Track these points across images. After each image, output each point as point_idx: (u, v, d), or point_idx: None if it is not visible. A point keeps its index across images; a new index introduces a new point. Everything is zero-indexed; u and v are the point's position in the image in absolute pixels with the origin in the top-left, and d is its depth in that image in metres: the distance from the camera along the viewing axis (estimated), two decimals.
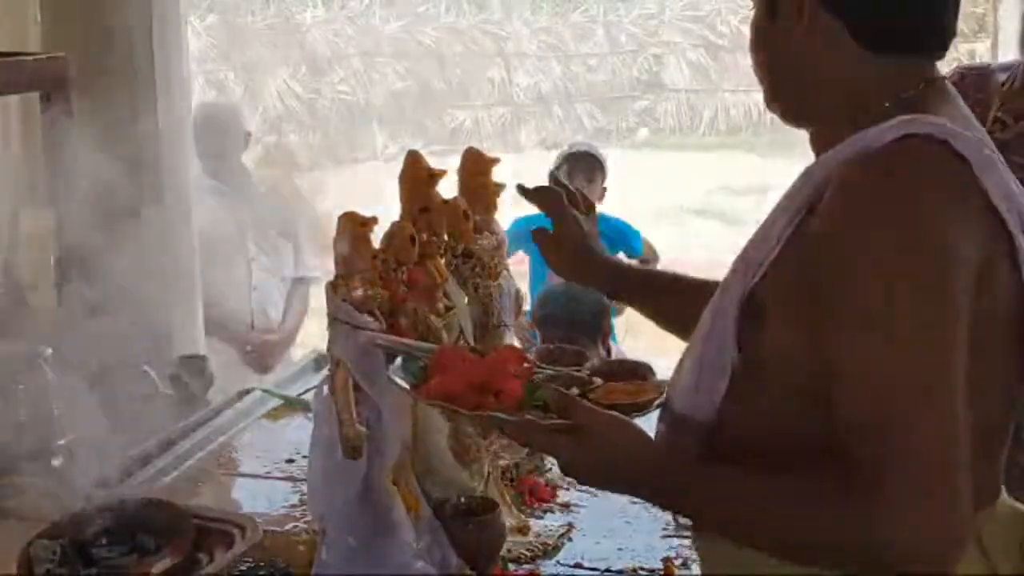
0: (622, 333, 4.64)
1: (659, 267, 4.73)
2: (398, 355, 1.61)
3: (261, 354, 4.05)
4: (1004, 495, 1.42)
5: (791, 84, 1.41)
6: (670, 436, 1.43)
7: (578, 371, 1.61)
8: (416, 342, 1.65)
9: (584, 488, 2.13)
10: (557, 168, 4.61)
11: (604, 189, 4.67)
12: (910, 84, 1.34)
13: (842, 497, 1.22)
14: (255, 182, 4.27)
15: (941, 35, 1.36)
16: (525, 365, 1.50)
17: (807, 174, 1.34)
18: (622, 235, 4.67)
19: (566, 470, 1.40)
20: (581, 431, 1.35)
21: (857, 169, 1.26)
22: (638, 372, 1.62)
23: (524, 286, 4.18)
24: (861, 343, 1.22)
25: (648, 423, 1.46)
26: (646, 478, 1.35)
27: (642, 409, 1.49)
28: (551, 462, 2.16)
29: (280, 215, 4.25)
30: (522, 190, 1.80)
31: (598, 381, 1.56)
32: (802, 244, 1.29)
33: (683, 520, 1.70)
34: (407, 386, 1.51)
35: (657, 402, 1.51)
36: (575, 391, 1.48)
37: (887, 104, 1.32)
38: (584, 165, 4.60)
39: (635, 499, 2.08)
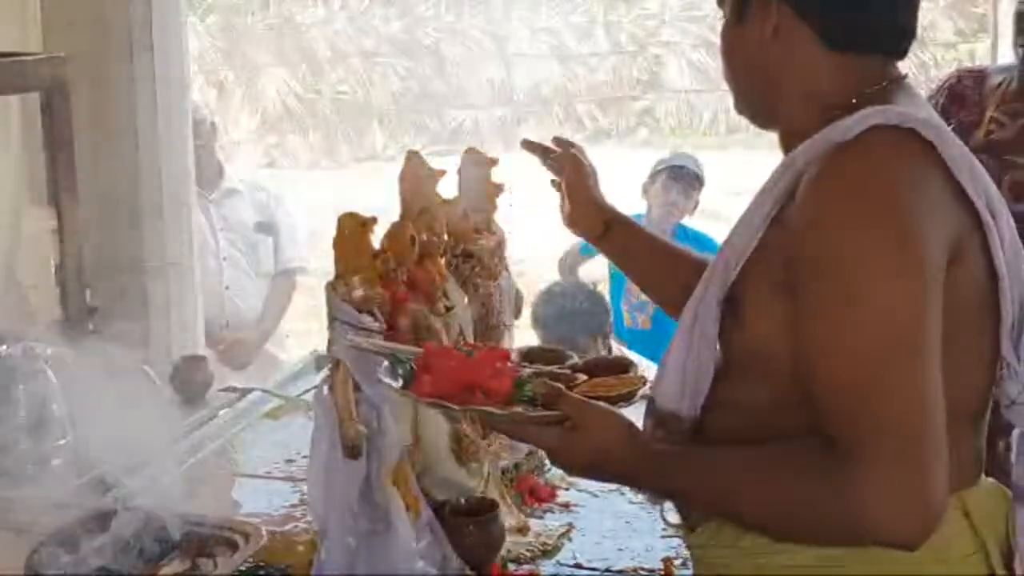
0: None
1: None
2: (383, 359, 1.61)
3: (235, 352, 4.03)
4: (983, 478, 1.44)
5: (760, 86, 1.45)
6: (656, 432, 1.45)
7: (560, 369, 1.62)
8: (400, 345, 1.64)
9: (584, 488, 2.13)
10: (654, 175, 4.58)
11: (697, 202, 4.60)
12: (874, 82, 1.38)
13: (820, 468, 1.25)
14: (230, 177, 4.24)
15: (901, 35, 1.42)
16: (509, 364, 1.51)
17: (782, 168, 1.37)
18: (705, 252, 4.57)
19: (555, 461, 1.42)
20: (570, 423, 1.37)
21: (829, 160, 1.29)
22: (619, 367, 1.63)
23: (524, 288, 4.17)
24: (835, 321, 1.25)
25: (634, 413, 1.47)
26: (633, 465, 1.37)
27: (627, 399, 1.50)
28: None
29: (257, 211, 4.23)
30: (529, 144, 1.91)
31: (582, 377, 1.57)
32: (778, 237, 1.32)
33: (672, 520, 1.71)
34: (396, 386, 1.52)
35: (641, 392, 1.52)
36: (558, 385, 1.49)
37: (854, 100, 1.36)
38: (684, 178, 4.53)
39: (634, 500, 2.09)
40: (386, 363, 1.57)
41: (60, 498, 1.95)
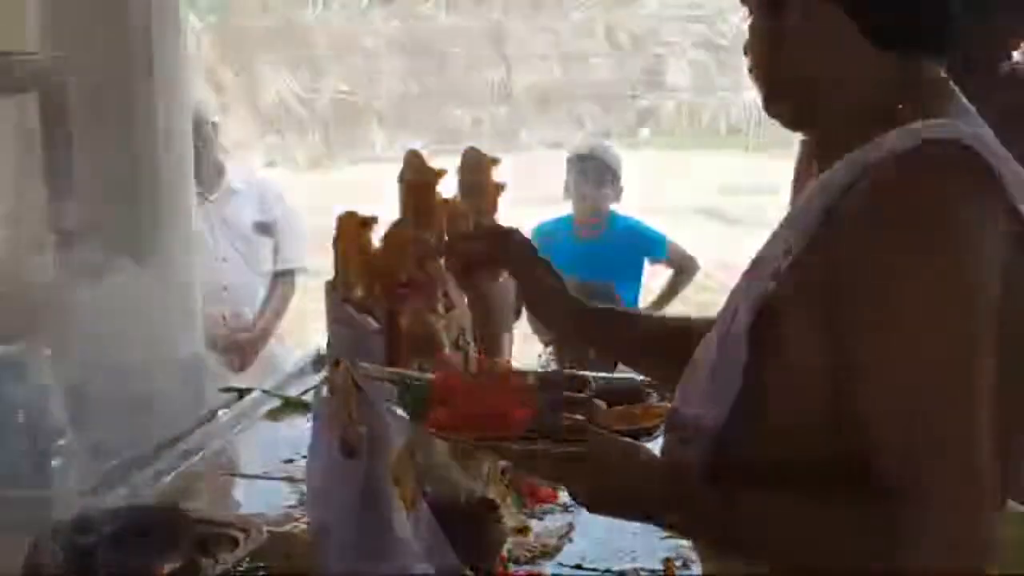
0: None
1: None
2: (393, 385, 1.58)
3: (235, 353, 4.03)
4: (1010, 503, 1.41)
5: (797, 86, 1.37)
6: (679, 445, 1.41)
7: (579, 395, 1.60)
8: (408, 372, 1.63)
9: None
10: (567, 172, 4.56)
11: (620, 189, 4.51)
12: (918, 83, 1.32)
13: (867, 507, 1.20)
14: (231, 178, 4.23)
15: (949, 28, 1.34)
16: (526, 387, 1.48)
17: (824, 180, 1.31)
18: (641, 240, 4.55)
19: (580, 500, 1.37)
20: (594, 459, 1.33)
21: (880, 177, 1.23)
22: (639, 394, 1.60)
23: None
24: (883, 350, 1.20)
25: (656, 446, 1.44)
26: (664, 506, 1.33)
27: (650, 433, 1.47)
28: None
29: (257, 211, 4.22)
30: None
31: (601, 405, 1.54)
32: (823, 250, 1.26)
33: None
34: (407, 417, 1.49)
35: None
36: (580, 416, 1.46)
37: (900, 106, 1.29)
38: (591, 167, 4.50)
39: None
40: (395, 390, 1.55)
41: (60, 499, 1.95)
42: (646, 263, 4.57)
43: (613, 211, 4.51)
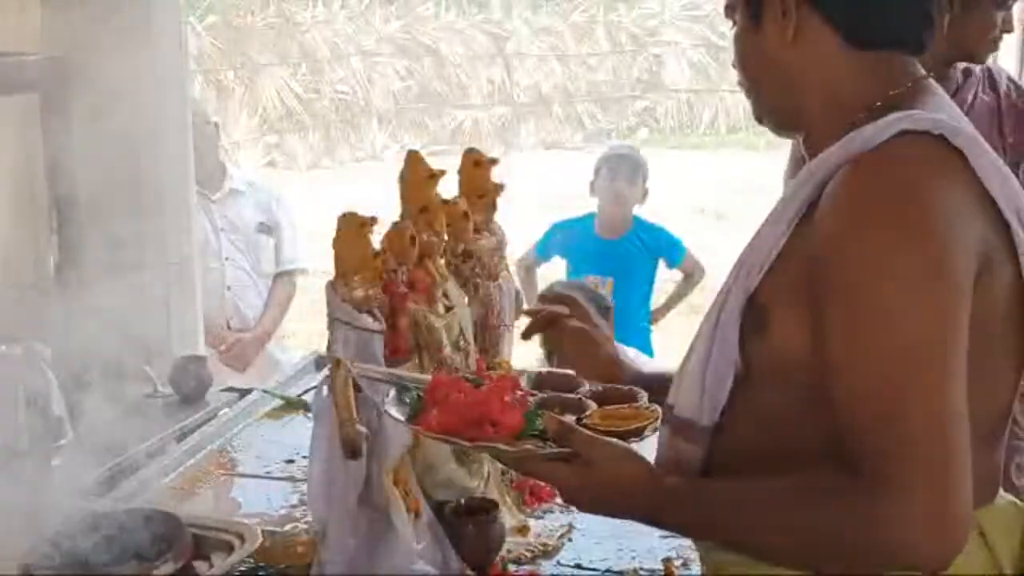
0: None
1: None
2: (390, 387, 1.59)
3: (236, 353, 4.04)
4: (1001, 492, 1.42)
5: (781, 93, 1.41)
6: (674, 441, 1.42)
7: (569, 396, 1.61)
8: (406, 373, 1.64)
9: None
10: (597, 171, 4.59)
11: (646, 191, 4.62)
12: (898, 82, 1.35)
13: (842, 493, 1.22)
14: (233, 178, 4.23)
15: (924, 26, 1.37)
16: (519, 393, 1.49)
17: (805, 175, 1.34)
18: (661, 243, 4.60)
19: (567, 498, 1.40)
20: (581, 459, 1.35)
21: (855, 169, 1.26)
22: (629, 396, 1.61)
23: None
24: (858, 338, 1.22)
25: (643, 447, 1.45)
26: (648, 503, 1.35)
27: (638, 434, 1.48)
28: None
29: (259, 211, 4.23)
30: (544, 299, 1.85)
31: (592, 405, 1.56)
32: (803, 246, 1.29)
33: None
34: (403, 419, 1.50)
35: (652, 426, 1.50)
36: (570, 417, 1.47)
37: (878, 103, 1.33)
38: (625, 167, 4.57)
39: None
40: (391, 393, 1.56)
41: (60, 499, 1.95)
42: (661, 266, 4.62)
43: (636, 214, 4.57)
